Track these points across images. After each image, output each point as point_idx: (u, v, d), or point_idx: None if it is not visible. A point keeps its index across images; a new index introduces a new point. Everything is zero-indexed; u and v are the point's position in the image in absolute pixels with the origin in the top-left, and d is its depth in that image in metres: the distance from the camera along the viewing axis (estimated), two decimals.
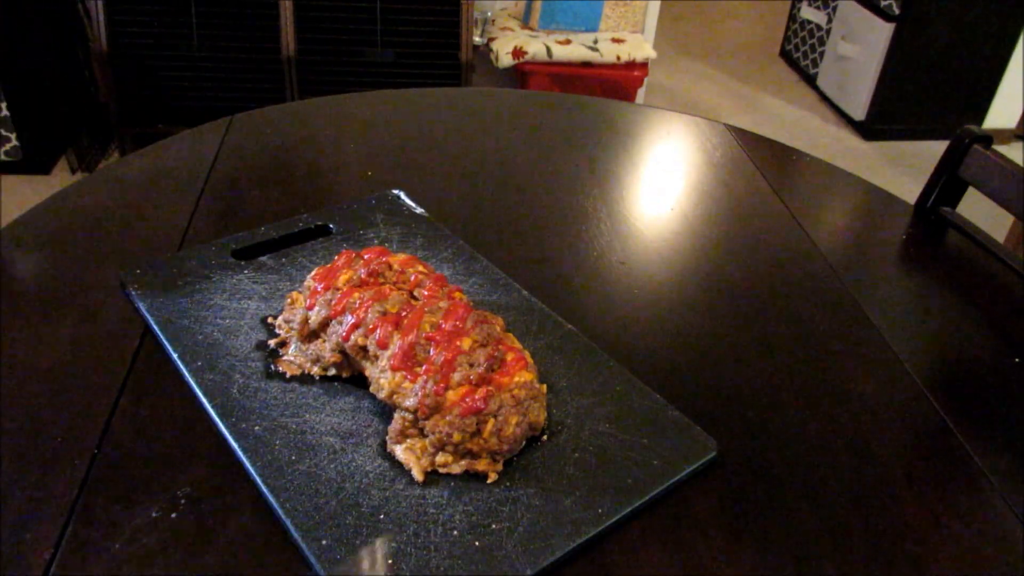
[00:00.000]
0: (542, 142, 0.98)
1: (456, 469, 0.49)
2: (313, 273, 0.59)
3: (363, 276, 0.57)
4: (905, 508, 0.52)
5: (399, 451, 0.49)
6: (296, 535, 0.45)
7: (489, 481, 0.49)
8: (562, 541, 0.45)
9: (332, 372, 0.55)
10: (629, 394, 0.56)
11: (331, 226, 0.73)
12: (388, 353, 0.51)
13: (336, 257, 0.60)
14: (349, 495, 0.47)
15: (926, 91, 2.84)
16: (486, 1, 2.78)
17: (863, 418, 0.59)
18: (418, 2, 2.22)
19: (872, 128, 2.90)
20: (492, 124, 1.02)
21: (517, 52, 2.51)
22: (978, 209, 0.90)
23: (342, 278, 0.57)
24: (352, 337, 0.53)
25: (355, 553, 0.44)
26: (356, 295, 0.55)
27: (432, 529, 0.45)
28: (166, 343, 0.58)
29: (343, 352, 0.54)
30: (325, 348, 0.55)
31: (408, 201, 0.78)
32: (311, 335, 0.56)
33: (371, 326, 0.52)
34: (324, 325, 0.55)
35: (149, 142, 0.91)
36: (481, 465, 0.49)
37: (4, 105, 2.14)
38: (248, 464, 0.49)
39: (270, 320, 0.60)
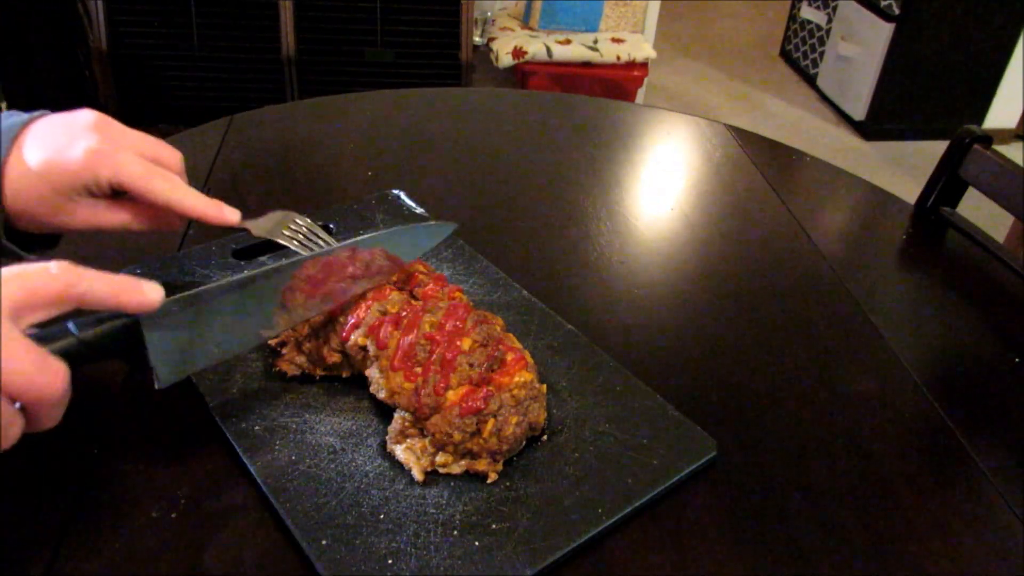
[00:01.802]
0: (542, 142, 0.98)
1: (456, 469, 0.49)
2: None
3: None
4: (905, 508, 0.52)
5: (399, 451, 0.49)
6: (296, 535, 0.45)
7: (489, 481, 0.49)
8: (562, 541, 0.45)
9: (332, 372, 0.55)
10: (629, 394, 0.56)
11: (331, 226, 0.73)
12: (388, 353, 0.51)
13: None
14: (349, 495, 0.47)
15: (926, 91, 2.84)
16: (486, 1, 2.78)
17: (863, 418, 0.59)
18: (418, 2, 2.22)
19: (872, 128, 2.90)
20: (492, 124, 1.02)
21: (517, 52, 2.51)
22: (978, 209, 0.90)
23: None
24: (352, 337, 0.53)
25: (355, 553, 0.44)
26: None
27: (432, 529, 0.45)
28: None
29: (343, 352, 0.54)
30: (325, 348, 0.54)
31: (408, 201, 0.78)
32: (311, 335, 0.56)
33: (371, 326, 0.52)
34: (324, 325, 0.55)
35: None
36: (481, 465, 0.49)
37: (4, 105, 2.14)
38: (248, 464, 0.49)
39: None
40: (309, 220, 0.60)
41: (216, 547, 0.45)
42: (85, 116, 0.52)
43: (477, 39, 2.58)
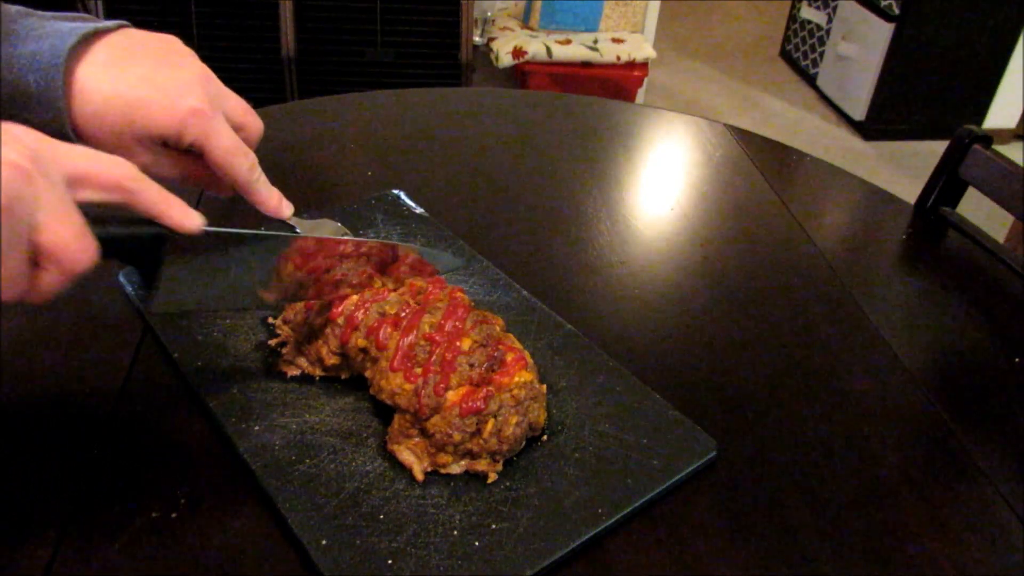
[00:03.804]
0: (542, 142, 0.98)
1: (456, 469, 0.49)
2: None
3: None
4: (905, 508, 0.52)
5: (399, 451, 0.49)
6: (296, 535, 0.45)
7: (489, 481, 0.49)
8: (562, 541, 0.45)
9: (332, 373, 0.55)
10: (629, 394, 0.56)
11: None
12: (387, 354, 0.51)
13: None
14: (349, 495, 0.47)
15: (926, 91, 2.84)
16: (486, 1, 2.78)
17: (863, 418, 0.59)
18: (418, 2, 2.22)
19: (872, 128, 2.90)
20: (492, 124, 1.02)
21: (517, 52, 2.51)
22: (978, 209, 0.90)
23: None
24: (351, 339, 0.53)
25: (355, 553, 0.44)
26: (355, 297, 0.55)
27: (432, 529, 0.45)
28: (166, 343, 0.58)
29: (342, 354, 0.54)
30: (324, 349, 0.54)
31: (408, 201, 0.78)
32: (310, 336, 0.56)
33: (370, 327, 0.52)
34: (324, 326, 0.55)
35: None
36: (481, 465, 0.49)
37: None
38: (248, 464, 0.49)
39: (270, 320, 0.60)
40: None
41: (216, 547, 0.45)
42: (192, 64, 0.49)
43: (477, 39, 2.58)
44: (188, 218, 0.43)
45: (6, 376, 0.55)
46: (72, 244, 0.37)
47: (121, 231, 0.42)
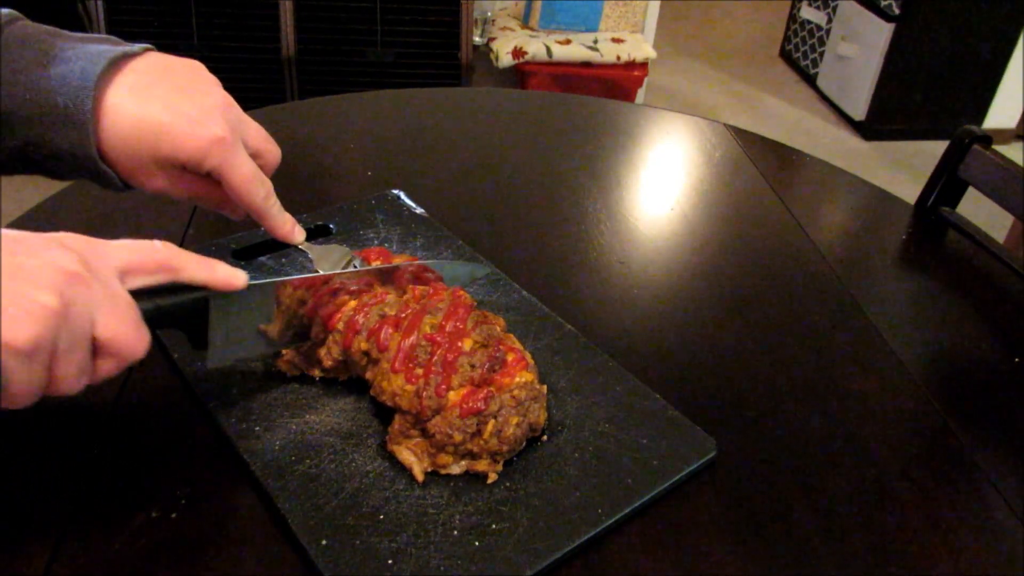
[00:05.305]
0: (542, 142, 0.98)
1: (456, 470, 0.49)
2: None
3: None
4: (905, 508, 0.52)
5: (399, 451, 0.49)
6: (296, 535, 0.45)
7: (489, 481, 0.49)
8: (562, 541, 0.45)
9: (331, 375, 0.55)
10: (629, 394, 0.56)
11: (331, 226, 0.73)
12: (388, 355, 0.51)
13: None
14: (349, 495, 0.47)
15: (926, 91, 2.84)
16: (486, 1, 2.78)
17: (863, 418, 0.59)
18: (418, 2, 2.22)
19: (872, 128, 2.90)
20: (492, 124, 1.02)
21: (517, 52, 2.51)
22: (978, 209, 0.90)
23: None
24: (354, 343, 0.52)
25: (355, 553, 0.44)
26: (354, 303, 0.54)
27: (432, 529, 0.45)
28: (166, 344, 0.57)
29: (343, 359, 0.54)
30: (323, 351, 0.54)
31: (408, 201, 0.78)
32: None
33: (371, 329, 0.52)
34: (323, 336, 0.55)
35: None
36: (481, 465, 0.49)
37: None
38: (248, 464, 0.49)
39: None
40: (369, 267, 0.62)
41: (216, 547, 0.45)
42: (215, 92, 0.50)
43: (477, 39, 2.58)
44: (235, 278, 0.46)
45: None
46: (129, 336, 0.40)
47: (169, 302, 0.44)
